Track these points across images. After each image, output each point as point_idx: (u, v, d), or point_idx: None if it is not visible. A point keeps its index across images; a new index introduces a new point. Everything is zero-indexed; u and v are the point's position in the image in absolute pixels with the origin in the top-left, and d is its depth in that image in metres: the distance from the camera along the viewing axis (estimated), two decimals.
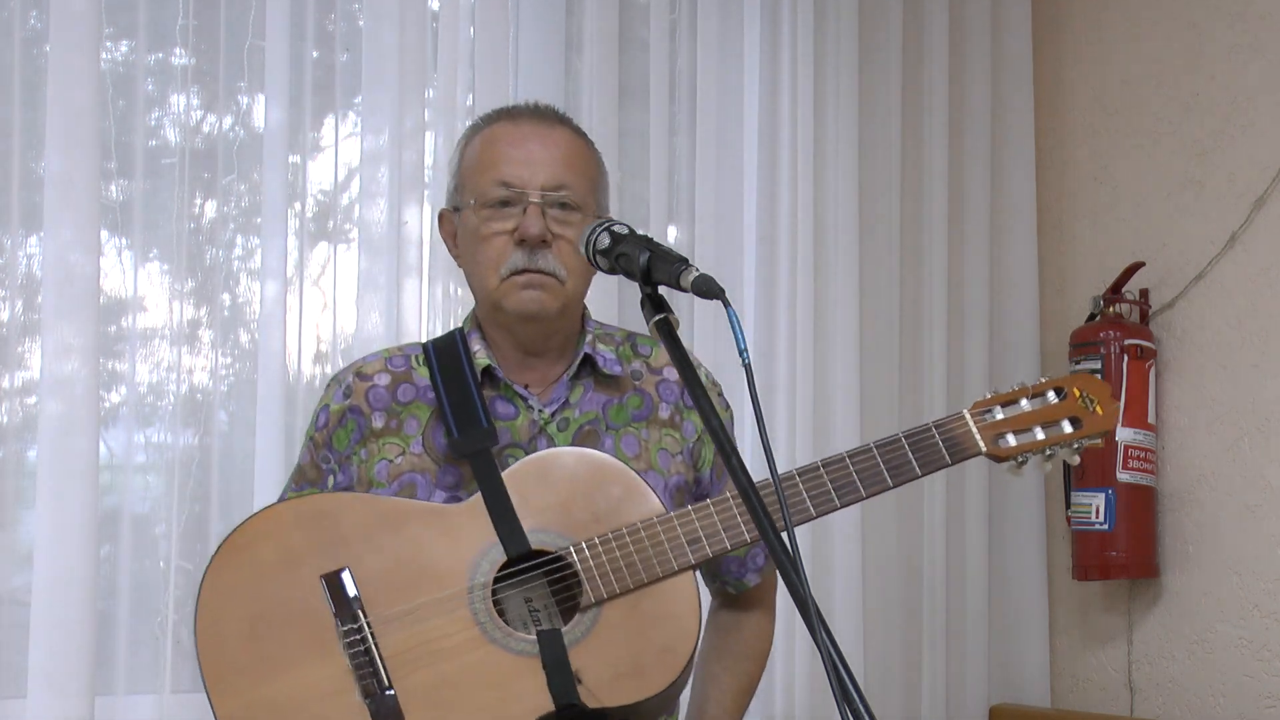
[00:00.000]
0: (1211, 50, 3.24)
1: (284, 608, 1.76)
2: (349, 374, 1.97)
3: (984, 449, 1.89)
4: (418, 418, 1.91)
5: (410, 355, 1.98)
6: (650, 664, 1.77)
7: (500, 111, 1.99)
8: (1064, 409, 1.92)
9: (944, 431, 1.89)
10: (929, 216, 3.40)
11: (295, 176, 2.69)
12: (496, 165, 1.90)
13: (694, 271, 1.55)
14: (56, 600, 2.35)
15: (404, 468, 1.88)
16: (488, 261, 1.89)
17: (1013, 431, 1.91)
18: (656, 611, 1.79)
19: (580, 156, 1.95)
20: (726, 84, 3.16)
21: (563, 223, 1.88)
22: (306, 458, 1.96)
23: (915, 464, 1.86)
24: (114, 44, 2.60)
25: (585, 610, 1.77)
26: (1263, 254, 3.11)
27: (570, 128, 1.97)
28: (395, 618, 1.76)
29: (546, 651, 1.74)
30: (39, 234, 2.42)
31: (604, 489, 1.83)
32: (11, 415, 2.44)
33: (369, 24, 2.76)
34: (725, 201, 3.13)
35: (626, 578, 1.78)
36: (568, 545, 1.79)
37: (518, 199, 1.88)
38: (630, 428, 1.94)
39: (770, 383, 3.12)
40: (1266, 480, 3.07)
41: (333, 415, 1.94)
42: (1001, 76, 3.53)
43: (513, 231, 1.87)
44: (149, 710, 2.50)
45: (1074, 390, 1.93)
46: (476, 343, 1.95)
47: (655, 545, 1.80)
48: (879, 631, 3.24)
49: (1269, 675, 3.04)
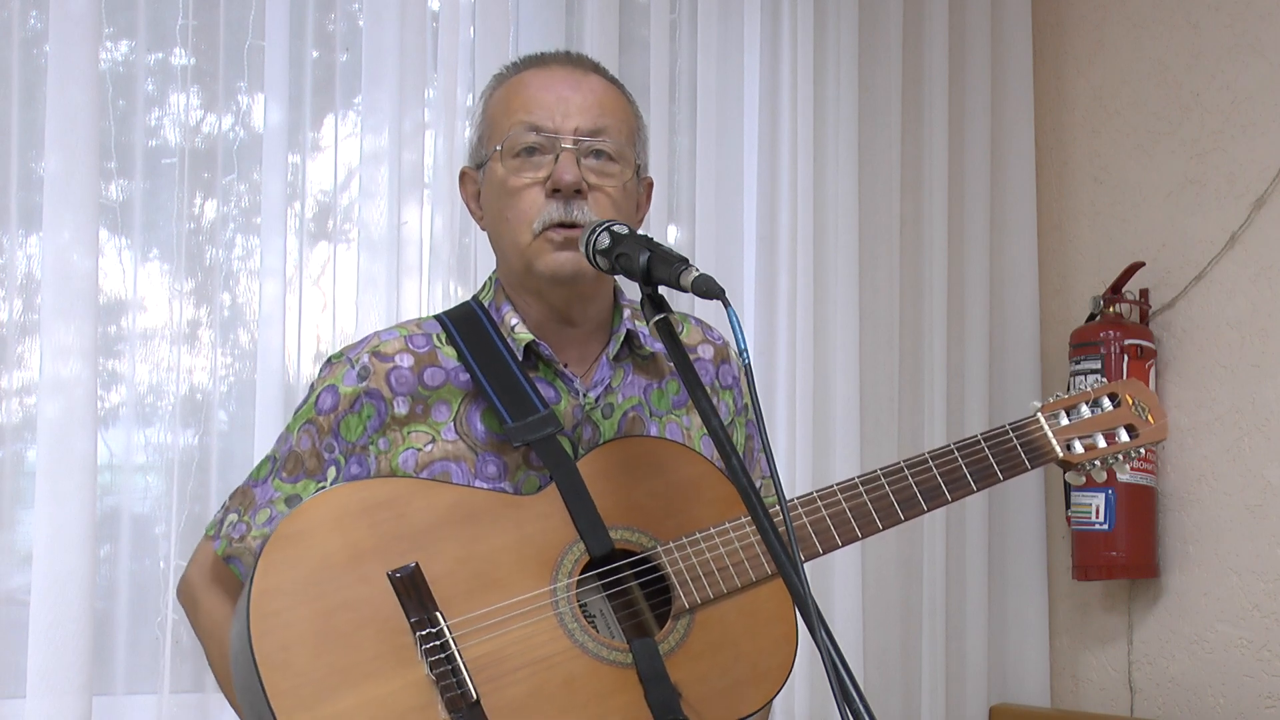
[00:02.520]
0: (1211, 50, 3.24)
1: (352, 611, 1.56)
2: (363, 353, 1.76)
3: (1060, 454, 1.87)
4: (449, 403, 1.73)
5: (431, 334, 1.79)
6: (749, 676, 1.65)
7: (528, 58, 1.82)
8: (1121, 416, 1.91)
9: (1022, 435, 1.85)
10: (929, 216, 3.40)
11: (295, 176, 2.69)
12: (526, 108, 1.73)
13: (694, 271, 1.54)
14: (55, 600, 2.34)
15: (436, 455, 1.71)
16: (518, 216, 1.72)
17: (1078, 438, 1.90)
18: (752, 619, 1.67)
19: (618, 104, 1.79)
20: (726, 84, 3.16)
21: (601, 173, 1.73)
22: (305, 444, 1.73)
23: (996, 468, 1.82)
24: (114, 44, 2.60)
25: (678, 617, 1.65)
26: (1263, 254, 3.11)
27: (606, 76, 1.82)
28: (475, 622, 1.59)
29: (643, 663, 1.60)
30: (38, 234, 2.42)
31: (688, 483, 1.71)
32: (11, 415, 2.44)
33: (369, 24, 2.76)
34: (725, 201, 3.12)
35: (720, 582, 1.67)
36: (654, 545, 1.67)
37: (549, 145, 1.72)
38: (672, 415, 1.82)
39: (770, 383, 3.11)
40: (1266, 480, 3.07)
41: (344, 398, 1.73)
42: (1001, 76, 3.53)
43: (545, 181, 1.71)
44: (148, 710, 2.50)
45: (1127, 397, 1.93)
46: (512, 315, 1.78)
47: (746, 547, 1.69)
48: (879, 631, 3.24)
49: (1269, 675, 3.04)
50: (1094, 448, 1.89)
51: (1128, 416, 1.91)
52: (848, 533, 1.75)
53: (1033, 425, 1.87)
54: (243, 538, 1.73)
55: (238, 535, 1.73)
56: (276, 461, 1.76)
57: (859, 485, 1.76)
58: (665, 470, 1.71)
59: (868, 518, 1.75)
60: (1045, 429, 1.87)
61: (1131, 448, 1.91)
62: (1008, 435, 1.84)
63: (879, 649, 3.24)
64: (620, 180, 1.76)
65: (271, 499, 1.73)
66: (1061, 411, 1.90)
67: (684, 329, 1.90)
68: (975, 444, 1.81)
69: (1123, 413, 1.91)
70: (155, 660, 2.51)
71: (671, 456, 1.74)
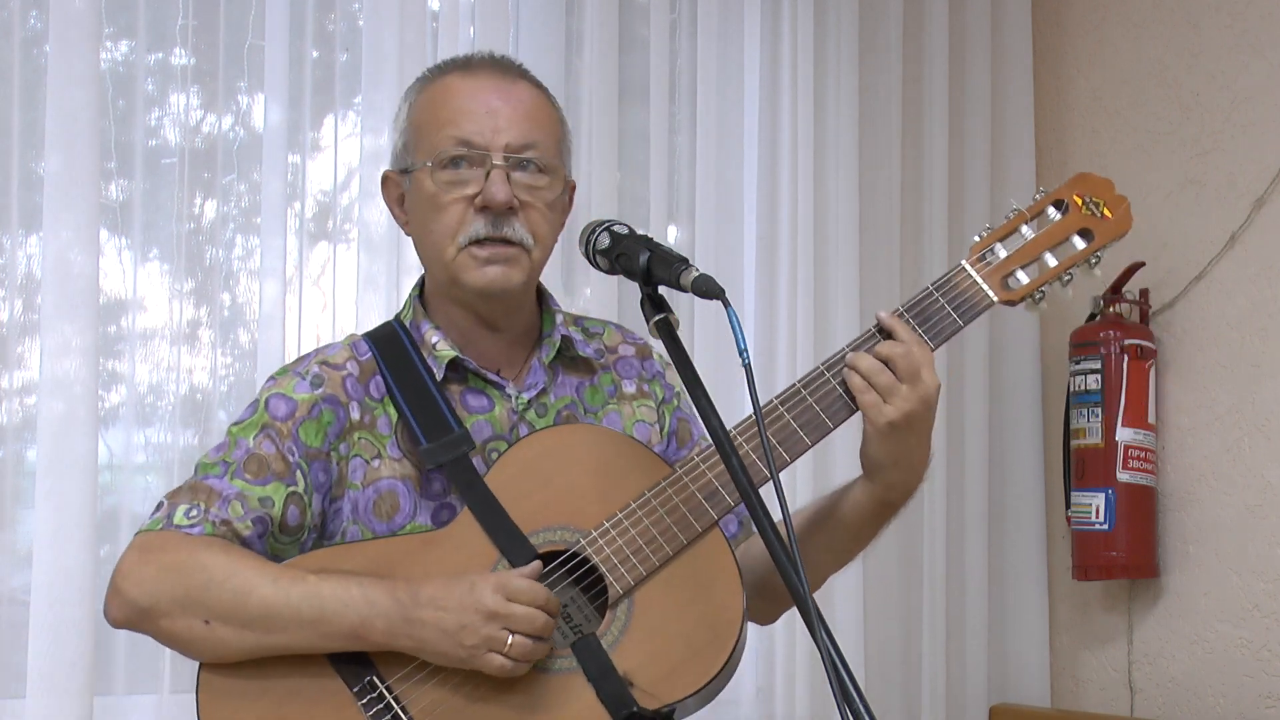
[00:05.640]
0: (1211, 50, 3.24)
1: (298, 698, 1.59)
2: (311, 364, 1.75)
3: (995, 298, 1.71)
4: (389, 416, 1.73)
5: (367, 351, 1.79)
6: (703, 642, 1.60)
7: (452, 62, 1.79)
8: (1071, 224, 1.71)
9: (947, 291, 1.72)
10: (929, 216, 3.40)
11: (295, 176, 2.69)
12: (454, 121, 1.71)
13: (694, 271, 1.54)
14: (56, 600, 2.34)
15: (384, 474, 1.71)
16: (443, 230, 1.70)
17: (1020, 267, 1.71)
18: (694, 581, 1.62)
19: (545, 113, 1.76)
20: (726, 84, 3.16)
21: (530, 188, 1.71)
22: (269, 448, 1.68)
23: (926, 339, 1.70)
24: (114, 44, 2.60)
25: (615, 605, 1.61)
26: (1263, 254, 3.11)
27: (532, 81, 1.78)
28: (415, 671, 1.60)
29: (588, 663, 1.58)
30: (38, 234, 2.42)
31: (600, 464, 1.67)
32: (11, 415, 2.44)
33: (369, 24, 2.76)
34: (725, 201, 3.12)
35: (650, 556, 1.62)
36: (577, 538, 1.63)
37: (479, 160, 1.69)
38: (608, 407, 1.81)
39: (770, 383, 3.11)
40: (1266, 480, 3.07)
41: (301, 404, 1.70)
42: (1001, 76, 3.53)
43: (473, 197, 1.69)
44: (148, 710, 2.50)
45: (1075, 199, 1.71)
46: (432, 333, 1.76)
47: (670, 510, 1.64)
48: (879, 631, 3.24)
49: (1269, 675, 3.04)
50: (1043, 273, 1.69)
51: (1079, 221, 1.70)
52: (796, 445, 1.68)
53: (958, 276, 1.72)
54: (225, 521, 1.65)
55: (210, 519, 1.65)
56: (230, 464, 1.69)
57: (779, 406, 1.69)
58: (577, 457, 1.68)
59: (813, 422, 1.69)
60: (973, 275, 1.71)
61: (1089, 254, 1.70)
62: (931, 296, 1.71)
63: (879, 649, 3.24)
64: (550, 194, 1.74)
65: (241, 494, 1.67)
66: (996, 244, 1.72)
67: (604, 332, 1.89)
68: (898, 316, 1.70)
69: (1072, 219, 1.70)
70: (155, 660, 2.51)
71: (579, 441, 1.70)
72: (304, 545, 1.71)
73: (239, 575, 1.60)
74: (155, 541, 1.66)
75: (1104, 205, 1.71)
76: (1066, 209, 1.71)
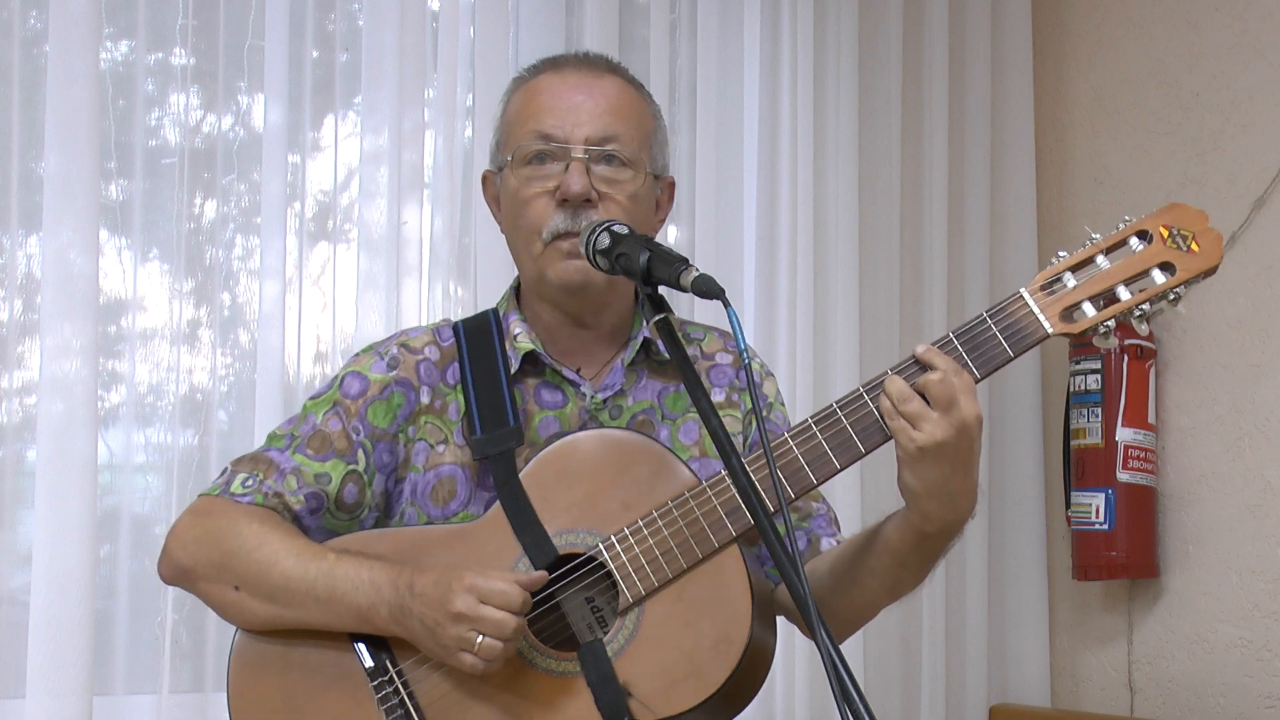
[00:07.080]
0: (1211, 50, 3.24)
1: (318, 674, 1.65)
2: (391, 345, 1.81)
3: (1051, 330, 1.61)
4: (459, 403, 1.77)
5: (451, 337, 1.84)
6: (705, 659, 1.59)
7: (545, 61, 1.83)
8: (1152, 256, 1.60)
9: (1001, 319, 1.62)
10: (929, 216, 3.40)
11: (295, 176, 2.69)
12: (537, 117, 1.74)
13: (694, 271, 1.54)
14: (55, 600, 2.34)
15: (446, 459, 1.75)
16: (529, 225, 1.74)
17: (1089, 299, 1.61)
18: (704, 598, 1.61)
19: (632, 107, 1.78)
20: (726, 84, 3.16)
21: (611, 180, 1.73)
22: (335, 425, 1.74)
23: (972, 367, 1.61)
24: (114, 44, 2.60)
25: (625, 613, 1.62)
26: (1263, 254, 3.11)
27: (622, 76, 1.81)
28: (426, 659, 1.64)
29: (590, 668, 1.60)
30: (38, 234, 2.42)
31: (629, 471, 1.66)
32: (11, 415, 2.44)
33: (369, 24, 2.76)
34: (725, 201, 3.12)
35: (664, 567, 1.62)
36: (597, 543, 1.64)
37: (559, 154, 1.72)
38: (687, 416, 1.80)
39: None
40: (1266, 480, 3.07)
41: (373, 384, 1.76)
42: (1001, 76, 3.53)
43: (554, 191, 1.72)
44: (148, 710, 2.50)
45: (1160, 230, 1.60)
46: (517, 324, 1.80)
47: (690, 524, 1.63)
48: (879, 631, 3.24)
49: (1269, 675, 3.04)
50: (1114, 302, 1.59)
51: (1160, 254, 1.58)
52: (824, 466, 1.63)
53: (1013, 304, 1.62)
54: (277, 494, 1.71)
55: (263, 490, 1.71)
56: (295, 439, 1.75)
57: (813, 425, 1.65)
58: (611, 461, 1.68)
59: (844, 445, 1.63)
60: (1030, 303, 1.61)
61: (1169, 288, 1.58)
62: (984, 324, 1.62)
63: (879, 649, 3.24)
64: (633, 186, 1.75)
65: (298, 469, 1.73)
66: (1066, 274, 1.62)
67: (705, 338, 1.90)
68: (946, 343, 1.62)
69: (1153, 251, 1.59)
70: (155, 660, 2.51)
71: (616, 445, 1.70)
72: (364, 523, 1.76)
73: (267, 546, 1.66)
74: (207, 506, 1.73)
75: (1192, 238, 1.60)
76: (1150, 240, 1.61)
